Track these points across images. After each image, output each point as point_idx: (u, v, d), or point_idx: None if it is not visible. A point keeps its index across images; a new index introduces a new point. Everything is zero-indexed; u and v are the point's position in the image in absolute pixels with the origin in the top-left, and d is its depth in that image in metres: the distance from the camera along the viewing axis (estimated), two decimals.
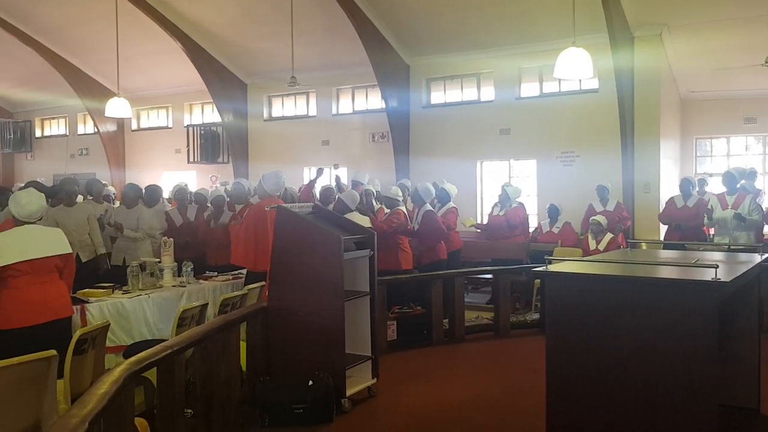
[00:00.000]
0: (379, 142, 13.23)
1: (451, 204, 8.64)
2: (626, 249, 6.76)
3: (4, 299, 4.32)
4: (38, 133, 19.20)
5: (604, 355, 3.67)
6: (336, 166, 11.41)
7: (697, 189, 9.32)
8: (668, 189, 10.22)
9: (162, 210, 8.23)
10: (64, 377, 3.93)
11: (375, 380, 5.33)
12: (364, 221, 7.02)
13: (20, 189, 5.91)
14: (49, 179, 14.93)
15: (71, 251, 4.69)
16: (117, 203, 9.73)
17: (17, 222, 4.54)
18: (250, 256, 6.51)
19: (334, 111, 13.99)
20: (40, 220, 4.69)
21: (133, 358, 3.45)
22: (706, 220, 8.07)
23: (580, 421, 3.74)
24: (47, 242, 4.53)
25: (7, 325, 4.30)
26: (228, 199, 8.35)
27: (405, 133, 12.78)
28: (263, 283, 6.02)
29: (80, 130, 18.23)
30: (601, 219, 8.74)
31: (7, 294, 4.32)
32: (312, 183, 9.74)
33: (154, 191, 8.20)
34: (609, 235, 8.67)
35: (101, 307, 5.46)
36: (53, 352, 3.55)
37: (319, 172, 9.78)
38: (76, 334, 4.09)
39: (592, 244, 8.61)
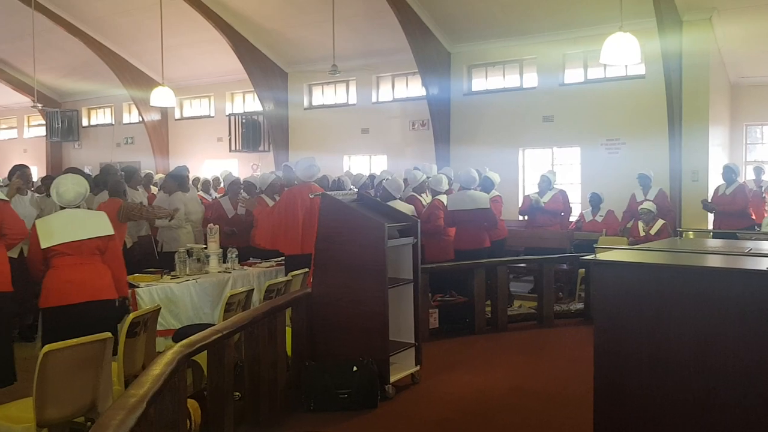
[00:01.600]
0: (419, 130, 13.18)
1: (495, 192, 8.56)
2: (675, 238, 6.63)
3: (47, 278, 4.54)
4: (85, 122, 19.63)
5: (654, 345, 3.61)
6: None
7: (755, 177, 9.09)
8: (717, 177, 9.97)
9: (195, 195, 8.31)
10: (117, 359, 4.03)
11: (418, 367, 5.34)
12: (408, 209, 7.02)
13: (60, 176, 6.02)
14: (96, 168, 15.25)
15: (112, 233, 4.77)
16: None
17: (60, 207, 4.72)
18: (279, 239, 6.59)
19: (374, 99, 13.99)
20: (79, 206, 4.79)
21: (185, 341, 3.51)
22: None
23: (630, 412, 3.69)
24: (89, 225, 4.66)
25: (49, 303, 4.49)
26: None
27: (446, 120, 12.71)
28: (306, 269, 6.08)
29: (125, 119, 18.58)
30: (650, 205, 8.65)
31: (49, 273, 4.53)
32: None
33: (177, 176, 8.08)
34: (660, 221, 8.55)
35: (151, 291, 5.60)
36: (108, 334, 3.66)
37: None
38: (129, 318, 4.19)
39: (642, 230, 8.49)
